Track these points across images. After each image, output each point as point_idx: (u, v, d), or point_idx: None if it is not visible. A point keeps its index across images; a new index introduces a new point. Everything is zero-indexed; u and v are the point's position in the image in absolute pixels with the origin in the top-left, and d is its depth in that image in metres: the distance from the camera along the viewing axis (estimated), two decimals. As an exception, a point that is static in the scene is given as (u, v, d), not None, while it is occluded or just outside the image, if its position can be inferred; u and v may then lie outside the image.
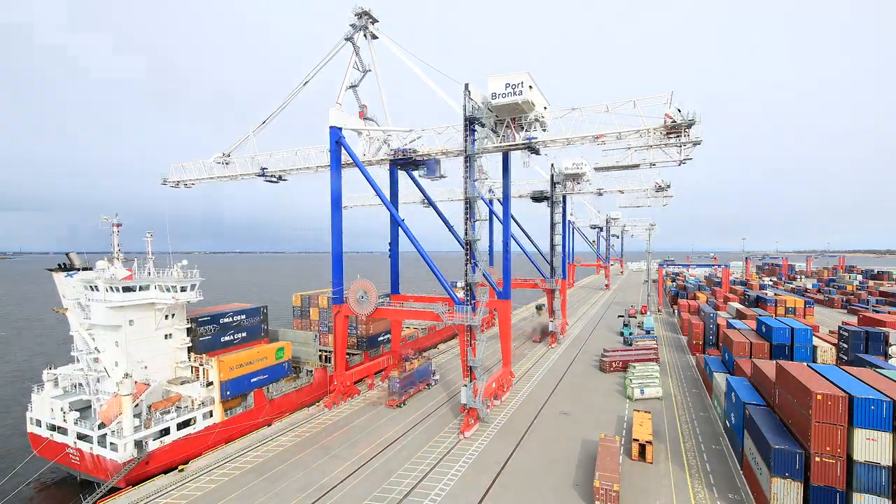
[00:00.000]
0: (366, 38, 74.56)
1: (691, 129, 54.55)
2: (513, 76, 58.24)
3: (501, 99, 58.90)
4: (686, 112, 54.02)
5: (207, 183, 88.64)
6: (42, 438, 58.86)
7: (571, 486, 46.12)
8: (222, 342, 68.92)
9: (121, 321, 59.00)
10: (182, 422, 57.97)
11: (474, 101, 60.58)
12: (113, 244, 62.07)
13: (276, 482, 48.12)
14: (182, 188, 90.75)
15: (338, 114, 71.04)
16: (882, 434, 34.46)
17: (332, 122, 70.04)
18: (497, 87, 58.87)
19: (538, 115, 61.75)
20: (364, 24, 73.10)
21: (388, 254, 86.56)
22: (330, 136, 70.19)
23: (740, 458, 48.25)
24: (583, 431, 59.11)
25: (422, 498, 44.37)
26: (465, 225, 63.13)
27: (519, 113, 61.44)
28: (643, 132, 56.77)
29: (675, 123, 54.26)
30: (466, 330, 63.54)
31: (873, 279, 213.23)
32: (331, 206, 72.04)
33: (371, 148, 76.73)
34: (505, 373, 77.46)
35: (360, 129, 75.76)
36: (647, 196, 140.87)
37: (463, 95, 60.46)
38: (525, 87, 57.74)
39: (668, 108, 54.54)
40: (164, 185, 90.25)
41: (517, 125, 62.66)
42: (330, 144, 70.49)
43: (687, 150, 56.62)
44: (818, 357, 64.04)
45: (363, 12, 72.14)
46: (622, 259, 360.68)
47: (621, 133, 57.71)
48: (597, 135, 58.56)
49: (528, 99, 58.11)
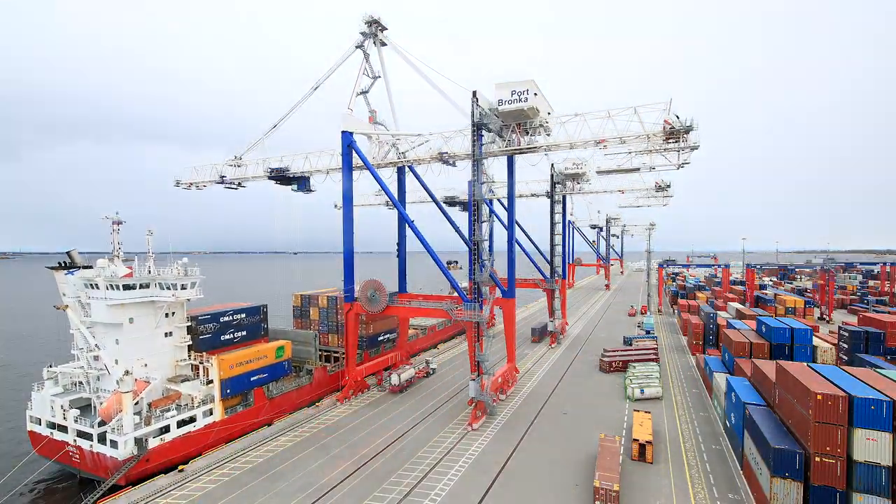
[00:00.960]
0: (375, 46, 76.96)
1: (689, 134, 56.65)
2: (519, 84, 61.28)
3: (508, 105, 61.95)
4: (684, 118, 56.15)
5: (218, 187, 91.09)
6: (42, 436, 58.83)
7: (571, 485, 46.15)
8: (222, 340, 68.92)
9: (121, 319, 58.99)
10: (182, 420, 57.95)
11: (481, 108, 62.50)
12: (113, 242, 61.98)
13: (276, 482, 48.15)
14: (194, 190, 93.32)
15: (349, 119, 73.31)
16: (882, 434, 34.44)
17: (343, 126, 72.32)
18: (503, 94, 62.10)
19: (542, 120, 64.25)
20: (374, 32, 75.41)
21: (396, 253, 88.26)
22: (342, 140, 72.33)
23: (740, 458, 48.26)
24: (583, 431, 59.16)
25: (422, 498, 44.39)
26: (472, 226, 65.41)
27: (524, 118, 63.97)
28: (643, 137, 58.80)
29: (674, 129, 56.40)
30: (474, 326, 65.77)
31: (873, 279, 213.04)
32: (343, 206, 74.35)
33: (380, 152, 79.27)
34: (510, 368, 79.07)
35: (370, 133, 78.24)
36: (648, 196, 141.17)
37: (471, 102, 62.48)
38: (530, 95, 60.86)
39: (667, 115, 56.56)
40: (176, 186, 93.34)
41: (522, 130, 65.35)
42: (342, 148, 72.60)
43: (685, 154, 58.93)
44: (818, 357, 64.07)
45: (373, 20, 74.44)
46: (622, 259, 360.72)
47: (623, 137, 59.52)
48: (599, 139, 60.51)
49: (534, 105, 61.01)
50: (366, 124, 77.87)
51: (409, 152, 78.17)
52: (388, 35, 76.15)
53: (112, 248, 61.87)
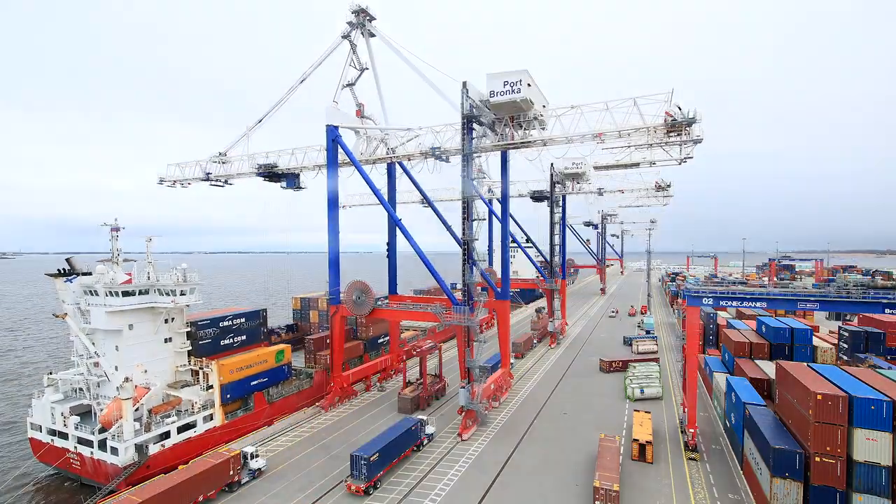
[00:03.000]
0: (363, 36, 74.01)
1: (692, 127, 53.44)
2: (511, 74, 57.67)
3: (500, 97, 58.29)
4: (686, 110, 52.98)
5: (203, 184, 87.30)
6: (42, 443, 58.80)
7: (572, 485, 46.13)
8: (222, 345, 68.87)
9: (121, 325, 59.00)
10: (182, 425, 57.94)
11: (472, 100, 59.73)
12: (112, 249, 62.07)
13: (276, 482, 48.14)
14: (178, 188, 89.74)
15: (334, 112, 70.55)
16: (882, 434, 34.47)
17: (328, 120, 69.52)
18: (495, 86, 58.24)
19: (537, 113, 60.95)
20: (361, 22, 72.62)
21: (386, 254, 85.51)
22: (326, 134, 69.76)
23: (740, 458, 48.25)
24: (583, 431, 59.17)
25: (422, 498, 44.40)
26: (462, 224, 62.32)
27: (518, 111, 60.70)
28: (643, 131, 55.81)
29: (676, 121, 53.28)
30: (464, 331, 62.86)
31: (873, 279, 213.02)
32: (327, 205, 71.34)
33: (368, 147, 75.81)
34: (504, 374, 75.84)
35: (357, 127, 75.15)
36: (648, 195, 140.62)
37: (461, 93, 59.51)
38: (523, 85, 57.07)
39: (668, 107, 53.37)
40: (160, 184, 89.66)
41: (516, 123, 62.00)
42: (326, 143, 70.10)
43: (687, 148, 55.69)
44: (818, 357, 63.96)
45: (360, 10, 71.77)
46: (622, 259, 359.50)
47: (621, 131, 56.55)
48: (597, 133, 57.37)
49: (527, 97, 57.43)
50: (353, 118, 74.74)
51: (398, 148, 73.69)
52: (375, 25, 73.26)
53: (111, 253, 62.02)
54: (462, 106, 60.00)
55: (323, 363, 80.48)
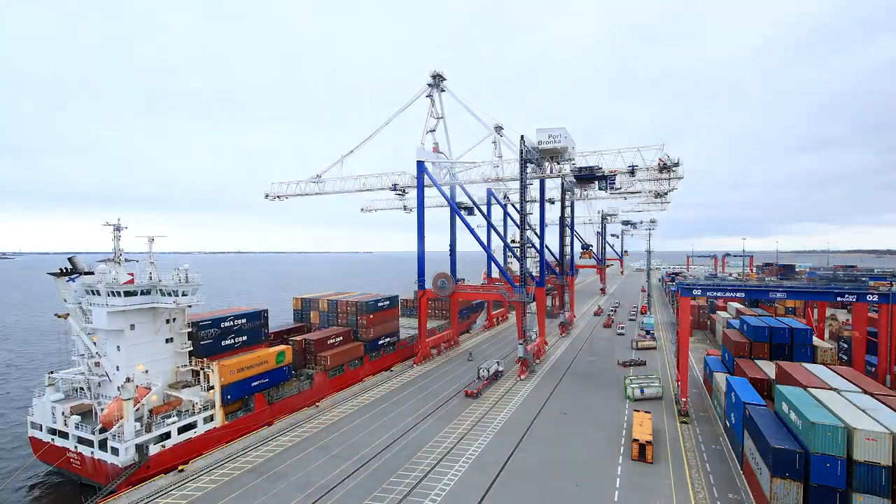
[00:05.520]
0: (438, 92, 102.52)
1: (677, 168, 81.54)
2: (554, 129, 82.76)
3: (545, 145, 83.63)
4: (673, 157, 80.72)
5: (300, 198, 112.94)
6: (43, 443, 58.90)
7: (573, 485, 46.23)
8: (223, 346, 68.81)
9: (122, 325, 59.13)
10: (183, 426, 58.02)
11: (526, 146, 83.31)
12: (114, 248, 62.17)
13: (276, 482, 48.20)
14: (278, 202, 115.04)
15: (421, 150, 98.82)
16: (882, 434, 34.57)
17: (417, 157, 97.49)
18: (542, 137, 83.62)
19: (570, 154, 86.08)
20: (437, 83, 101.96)
21: (449, 251, 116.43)
22: (417, 167, 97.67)
23: (740, 458, 48.33)
24: (583, 431, 59.35)
25: (422, 498, 44.45)
26: (520, 233, 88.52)
27: (557, 154, 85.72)
28: (643, 169, 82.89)
29: (665, 164, 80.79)
30: (522, 305, 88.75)
31: (873, 279, 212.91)
32: (417, 217, 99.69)
33: (441, 174, 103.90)
34: (541, 342, 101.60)
35: (435, 161, 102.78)
36: (647, 202, 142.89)
37: (519, 143, 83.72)
38: (562, 137, 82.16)
39: (661, 154, 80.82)
40: (266, 198, 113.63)
41: (554, 161, 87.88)
42: (417, 173, 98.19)
43: (674, 181, 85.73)
44: (818, 357, 64.04)
45: (437, 74, 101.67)
46: (622, 259, 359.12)
47: (628, 169, 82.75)
48: (611, 170, 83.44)
49: (565, 145, 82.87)
50: (432, 154, 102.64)
51: (460, 174, 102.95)
52: (447, 84, 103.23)
53: (114, 253, 62.13)
54: (521, 151, 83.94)
55: (323, 364, 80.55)
